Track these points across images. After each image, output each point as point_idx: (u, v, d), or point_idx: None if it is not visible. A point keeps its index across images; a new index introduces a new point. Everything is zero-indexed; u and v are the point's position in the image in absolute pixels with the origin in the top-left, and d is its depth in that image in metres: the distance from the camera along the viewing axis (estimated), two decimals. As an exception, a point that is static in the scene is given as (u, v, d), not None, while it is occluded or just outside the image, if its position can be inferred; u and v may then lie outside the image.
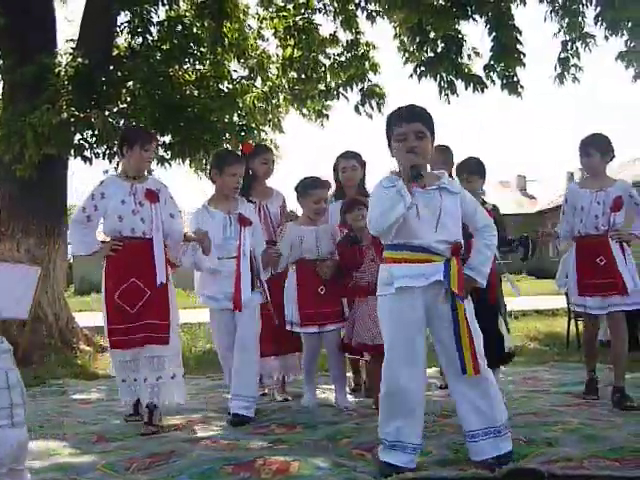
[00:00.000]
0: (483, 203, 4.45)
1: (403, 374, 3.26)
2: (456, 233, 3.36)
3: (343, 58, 10.28)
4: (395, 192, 3.21)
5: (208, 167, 6.34)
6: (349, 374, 6.01)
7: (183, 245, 4.64)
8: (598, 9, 9.16)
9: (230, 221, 4.72)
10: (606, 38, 9.29)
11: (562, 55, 9.98)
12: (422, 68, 9.55)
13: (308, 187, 4.90)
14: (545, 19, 9.74)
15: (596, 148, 4.84)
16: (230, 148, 8.26)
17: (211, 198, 4.88)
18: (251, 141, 8.25)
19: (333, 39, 10.29)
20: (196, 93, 8.79)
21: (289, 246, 4.86)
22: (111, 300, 4.47)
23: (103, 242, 4.62)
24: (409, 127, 3.34)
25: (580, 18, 9.74)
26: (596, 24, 9.28)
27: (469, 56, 9.70)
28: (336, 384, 5.04)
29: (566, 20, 9.77)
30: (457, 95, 9.59)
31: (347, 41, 10.33)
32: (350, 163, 5.40)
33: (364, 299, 4.72)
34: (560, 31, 9.89)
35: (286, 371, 5.42)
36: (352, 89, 10.16)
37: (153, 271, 4.42)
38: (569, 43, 9.92)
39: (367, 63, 10.24)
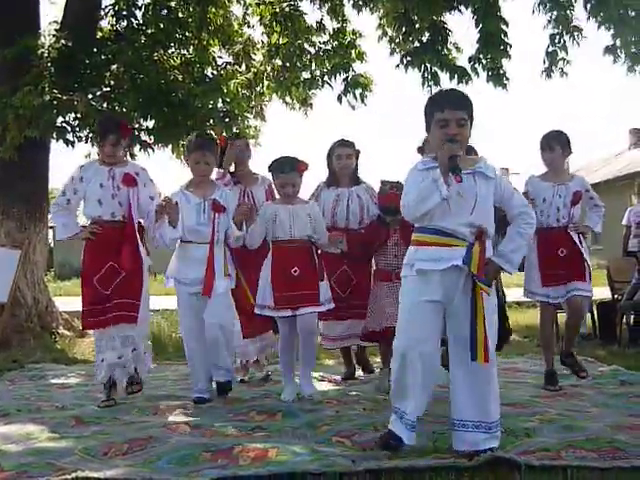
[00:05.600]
0: None
1: (420, 353, 3.27)
2: (484, 218, 3.31)
3: (329, 46, 10.18)
4: (431, 181, 3.18)
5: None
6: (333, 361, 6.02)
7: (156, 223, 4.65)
8: (591, 1, 9.09)
9: (204, 206, 4.68)
10: (598, 27, 9.16)
11: (550, 49, 9.82)
12: (408, 58, 9.50)
13: (276, 169, 4.78)
14: (533, 11, 9.64)
15: (558, 142, 5.03)
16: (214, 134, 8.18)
17: (190, 181, 4.84)
18: (235, 129, 8.26)
19: (319, 27, 10.21)
20: (180, 78, 8.71)
21: (264, 222, 4.75)
22: (89, 282, 4.60)
23: (84, 227, 4.71)
24: (451, 114, 3.28)
25: (569, 11, 9.69)
26: (588, 19, 9.23)
27: (455, 49, 9.65)
28: (303, 368, 4.89)
29: (555, 13, 9.71)
30: (440, 87, 9.52)
31: (333, 29, 10.24)
32: (345, 151, 5.44)
33: (384, 283, 4.82)
34: (549, 24, 9.83)
35: (262, 350, 5.49)
36: (336, 78, 10.06)
37: (128, 252, 4.53)
38: (557, 37, 9.85)
39: (353, 52, 10.16)
